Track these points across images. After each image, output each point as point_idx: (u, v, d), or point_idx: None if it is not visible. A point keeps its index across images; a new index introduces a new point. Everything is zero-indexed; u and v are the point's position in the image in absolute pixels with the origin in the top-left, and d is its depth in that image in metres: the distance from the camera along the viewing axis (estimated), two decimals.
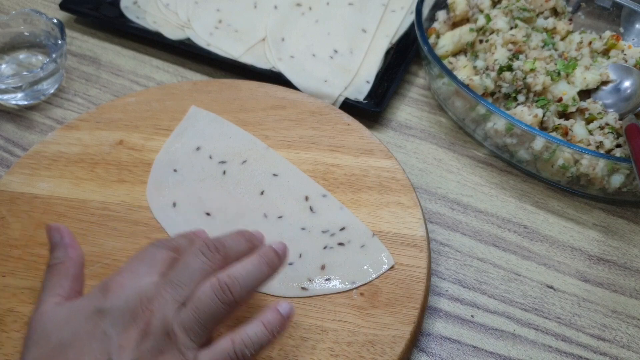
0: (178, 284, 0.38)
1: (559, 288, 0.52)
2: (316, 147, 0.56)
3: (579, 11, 0.67)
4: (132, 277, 0.39)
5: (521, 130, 0.54)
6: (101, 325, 0.37)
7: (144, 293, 0.38)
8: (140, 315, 0.37)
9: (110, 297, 0.38)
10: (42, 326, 0.38)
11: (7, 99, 0.63)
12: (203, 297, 0.37)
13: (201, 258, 0.39)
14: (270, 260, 0.40)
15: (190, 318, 0.37)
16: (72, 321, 0.38)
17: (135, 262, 0.41)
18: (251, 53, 0.67)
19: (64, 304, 0.39)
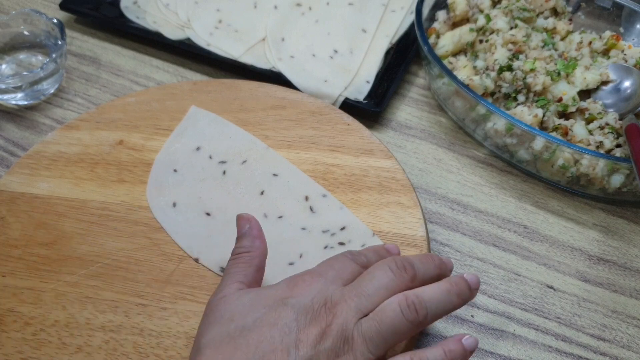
0: (363, 295, 0.38)
1: (559, 288, 0.52)
2: (316, 147, 0.56)
3: (579, 11, 0.67)
4: (320, 280, 0.40)
5: (521, 130, 0.54)
6: (284, 317, 0.38)
7: (330, 296, 0.39)
8: (322, 316, 0.38)
9: (297, 293, 0.39)
10: (225, 307, 0.39)
11: (7, 99, 0.63)
12: (388, 310, 0.38)
13: (389, 274, 0.40)
14: (461, 291, 0.40)
15: (372, 328, 0.37)
16: (256, 307, 0.39)
17: (325, 266, 0.41)
18: (251, 53, 0.67)
19: (248, 290, 0.41)
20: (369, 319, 0.38)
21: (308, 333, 0.37)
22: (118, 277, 0.48)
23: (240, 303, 0.39)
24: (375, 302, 0.38)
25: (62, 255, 0.49)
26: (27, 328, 0.46)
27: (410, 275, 0.40)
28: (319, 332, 0.37)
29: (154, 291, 0.47)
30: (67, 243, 0.50)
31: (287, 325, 0.37)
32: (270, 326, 0.38)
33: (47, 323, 0.46)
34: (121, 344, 0.45)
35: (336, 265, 0.41)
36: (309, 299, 0.38)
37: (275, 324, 0.38)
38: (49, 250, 0.50)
